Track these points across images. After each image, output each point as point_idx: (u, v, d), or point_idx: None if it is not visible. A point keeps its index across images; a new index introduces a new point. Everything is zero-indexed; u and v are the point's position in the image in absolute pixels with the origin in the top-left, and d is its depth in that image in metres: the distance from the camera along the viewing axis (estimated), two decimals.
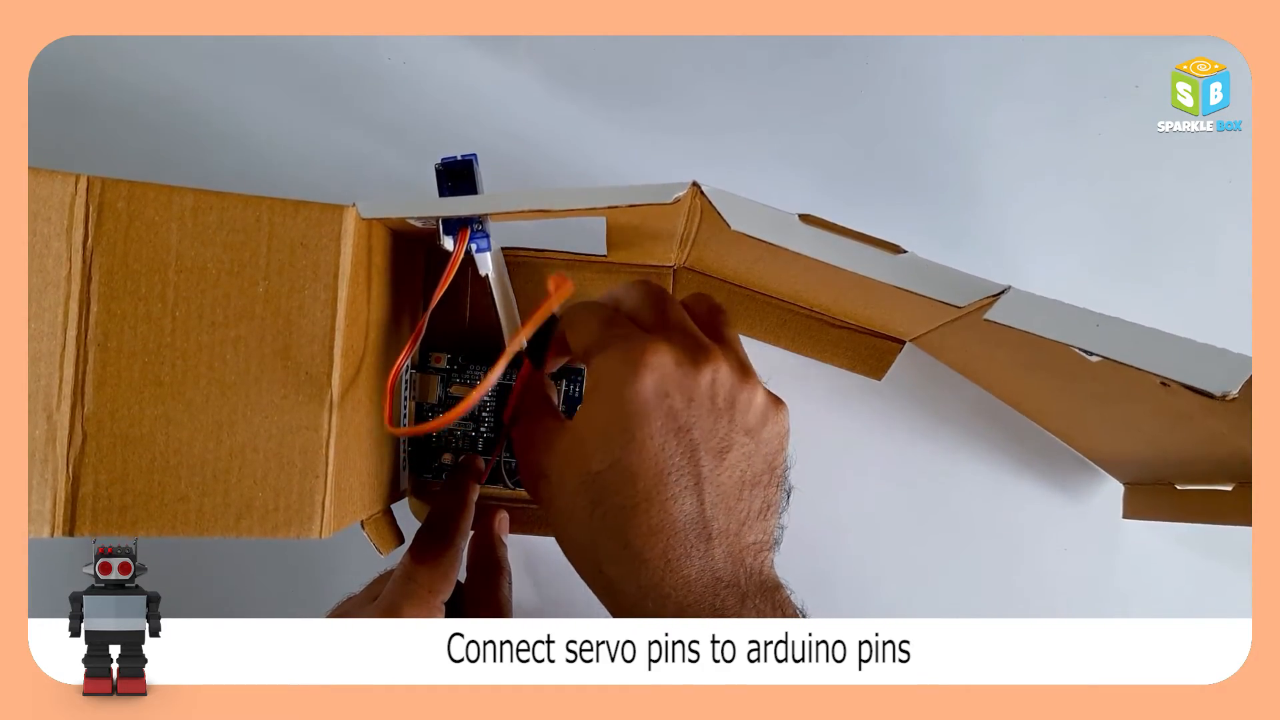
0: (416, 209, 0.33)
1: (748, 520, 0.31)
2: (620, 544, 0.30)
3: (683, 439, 0.30)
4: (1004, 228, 0.47)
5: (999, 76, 0.48)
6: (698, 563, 0.29)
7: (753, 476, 0.31)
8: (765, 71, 0.48)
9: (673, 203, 0.32)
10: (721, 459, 0.30)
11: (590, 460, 0.30)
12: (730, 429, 0.30)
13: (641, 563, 0.29)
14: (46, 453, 0.30)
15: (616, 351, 0.30)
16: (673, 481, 0.29)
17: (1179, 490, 0.41)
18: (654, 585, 0.29)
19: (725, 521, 0.30)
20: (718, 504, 0.30)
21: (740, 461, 0.31)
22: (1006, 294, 0.31)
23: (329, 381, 0.32)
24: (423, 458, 0.44)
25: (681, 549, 0.29)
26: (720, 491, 0.30)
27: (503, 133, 0.48)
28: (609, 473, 0.30)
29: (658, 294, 0.34)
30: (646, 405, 0.29)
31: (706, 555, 0.30)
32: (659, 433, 0.29)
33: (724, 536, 0.30)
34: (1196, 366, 0.28)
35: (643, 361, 0.29)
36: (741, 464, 0.31)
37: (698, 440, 0.30)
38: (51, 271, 0.30)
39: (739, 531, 0.30)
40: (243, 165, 0.48)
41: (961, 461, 0.47)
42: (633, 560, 0.29)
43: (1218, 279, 0.47)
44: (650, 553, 0.29)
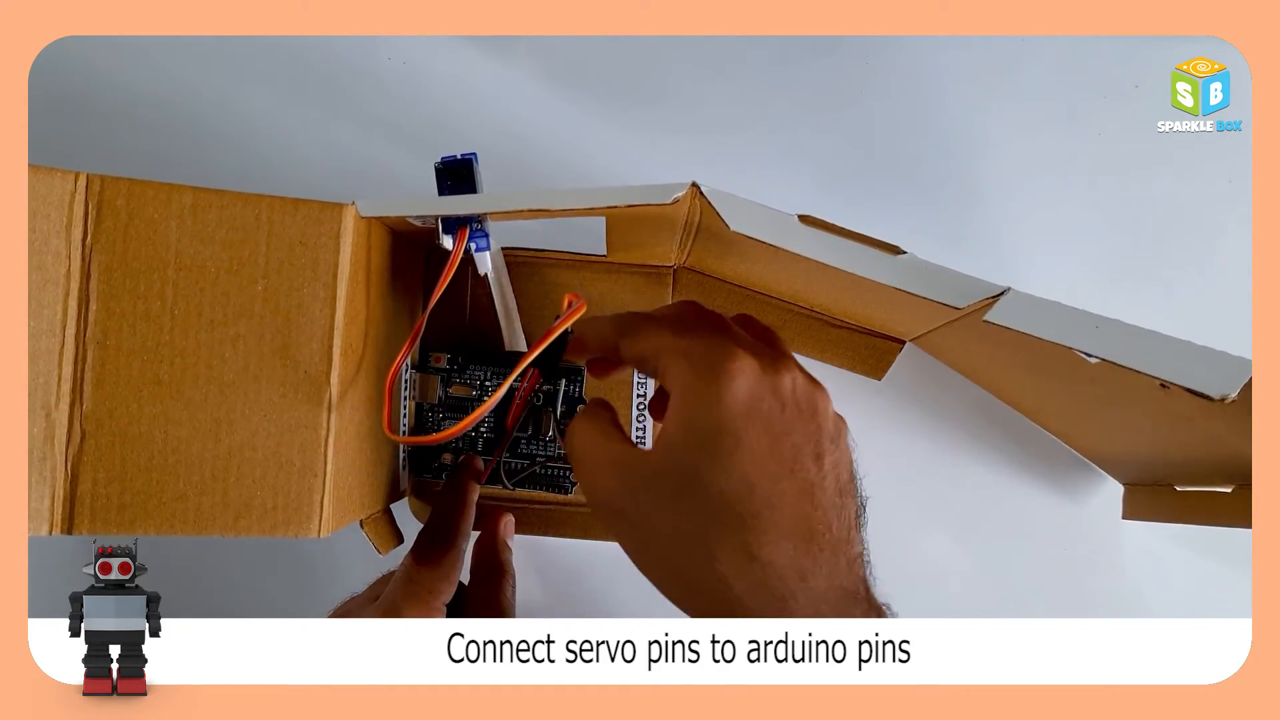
0: (416, 207, 0.33)
1: (850, 528, 0.29)
2: (746, 556, 0.28)
3: (785, 444, 0.28)
4: (1004, 228, 0.47)
5: (999, 76, 0.48)
6: (825, 570, 0.28)
7: (844, 483, 0.30)
8: (765, 71, 0.48)
9: (672, 203, 0.32)
10: (820, 464, 0.29)
11: (697, 474, 0.28)
12: (820, 434, 0.29)
13: (774, 572, 0.28)
14: (45, 450, 0.30)
15: (698, 359, 0.29)
16: (786, 486, 0.28)
17: (1179, 491, 0.41)
18: (790, 595, 0.28)
19: (837, 529, 0.29)
20: (828, 509, 0.29)
21: (833, 468, 0.29)
22: (1006, 295, 0.31)
23: (328, 380, 0.32)
24: (422, 458, 0.44)
25: (809, 558, 0.28)
26: (827, 497, 0.29)
27: (503, 133, 0.48)
28: (722, 482, 0.28)
29: (712, 312, 0.32)
30: (745, 410, 0.28)
31: (832, 564, 0.28)
32: (763, 437, 0.28)
33: (838, 545, 0.29)
34: (1196, 369, 0.28)
35: (729, 367, 0.28)
36: (834, 470, 0.29)
37: (799, 445, 0.29)
38: (51, 269, 0.30)
39: (848, 539, 0.29)
40: (243, 165, 0.48)
41: (961, 461, 0.47)
42: (763, 571, 0.28)
43: (1218, 279, 0.47)
44: (780, 559, 0.28)
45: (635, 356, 0.32)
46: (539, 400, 0.44)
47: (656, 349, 0.31)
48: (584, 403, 0.45)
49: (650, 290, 0.46)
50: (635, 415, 0.46)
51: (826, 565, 0.28)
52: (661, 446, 0.29)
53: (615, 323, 0.32)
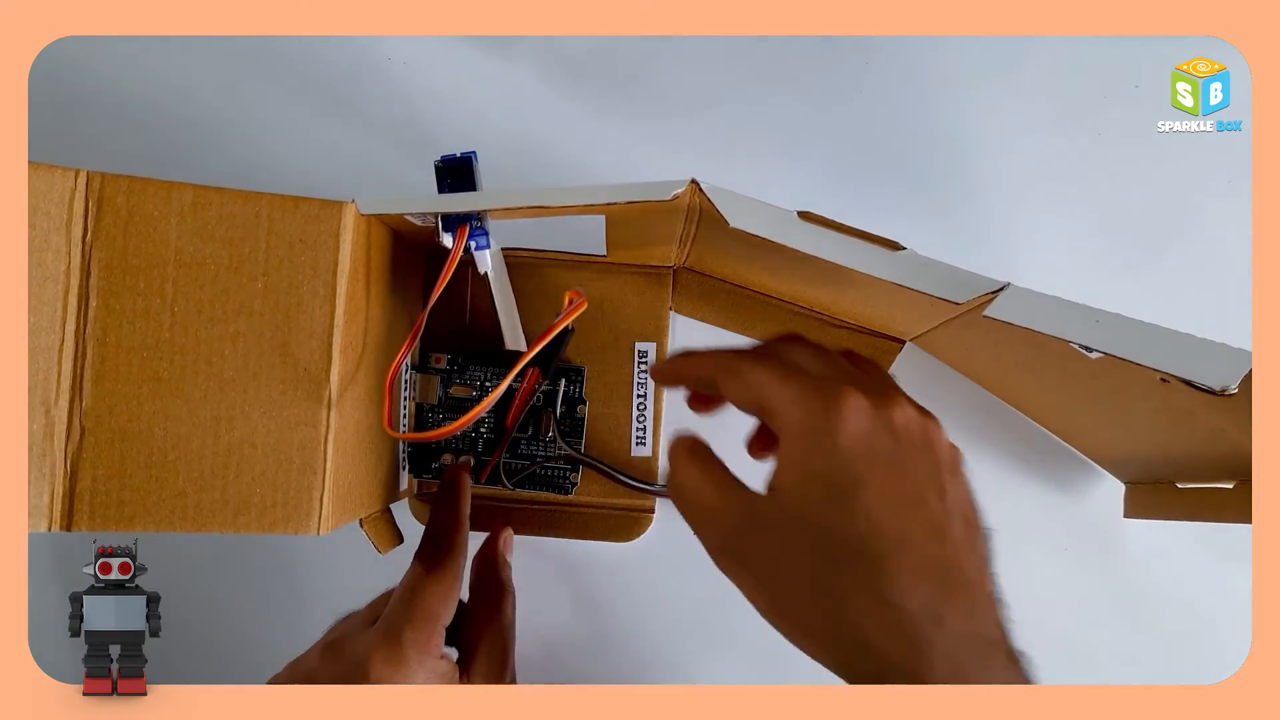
0: (415, 205, 0.33)
1: (982, 566, 0.28)
2: (879, 602, 0.26)
3: (907, 481, 0.28)
4: (1003, 227, 0.47)
5: (999, 76, 0.48)
6: (961, 613, 0.27)
7: (969, 517, 0.29)
8: (765, 70, 0.48)
9: (671, 200, 0.32)
10: (944, 499, 0.28)
11: (820, 519, 0.27)
12: (938, 467, 0.29)
13: (907, 617, 0.26)
14: (45, 447, 0.30)
15: (810, 399, 0.28)
16: (915, 525, 0.27)
17: (1180, 489, 0.41)
18: (926, 642, 0.26)
19: (969, 567, 0.27)
20: (959, 547, 0.27)
21: (956, 502, 0.28)
22: (1006, 290, 0.31)
23: (327, 378, 0.32)
24: (423, 458, 0.44)
25: (944, 600, 0.26)
26: (955, 534, 0.28)
27: (502, 132, 0.48)
28: (847, 526, 0.27)
29: (817, 345, 0.32)
30: (863, 451, 0.27)
31: (968, 606, 0.27)
32: (884, 476, 0.27)
33: (972, 586, 0.27)
34: (1196, 361, 0.28)
35: (841, 405, 0.27)
36: (958, 504, 0.28)
37: (920, 481, 0.28)
38: (50, 266, 0.30)
39: (980, 579, 0.28)
40: (243, 164, 0.48)
41: None
42: (897, 616, 0.26)
43: (1217, 279, 0.47)
44: (913, 604, 0.26)
45: (737, 398, 0.31)
46: (539, 400, 0.44)
47: (760, 391, 0.29)
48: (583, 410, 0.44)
49: (650, 290, 0.46)
50: (635, 417, 0.46)
51: (962, 607, 0.27)
52: (779, 492, 0.28)
53: (714, 361, 0.31)
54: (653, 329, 0.46)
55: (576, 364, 0.45)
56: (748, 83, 0.48)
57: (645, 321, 0.46)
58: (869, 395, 0.28)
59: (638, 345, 0.46)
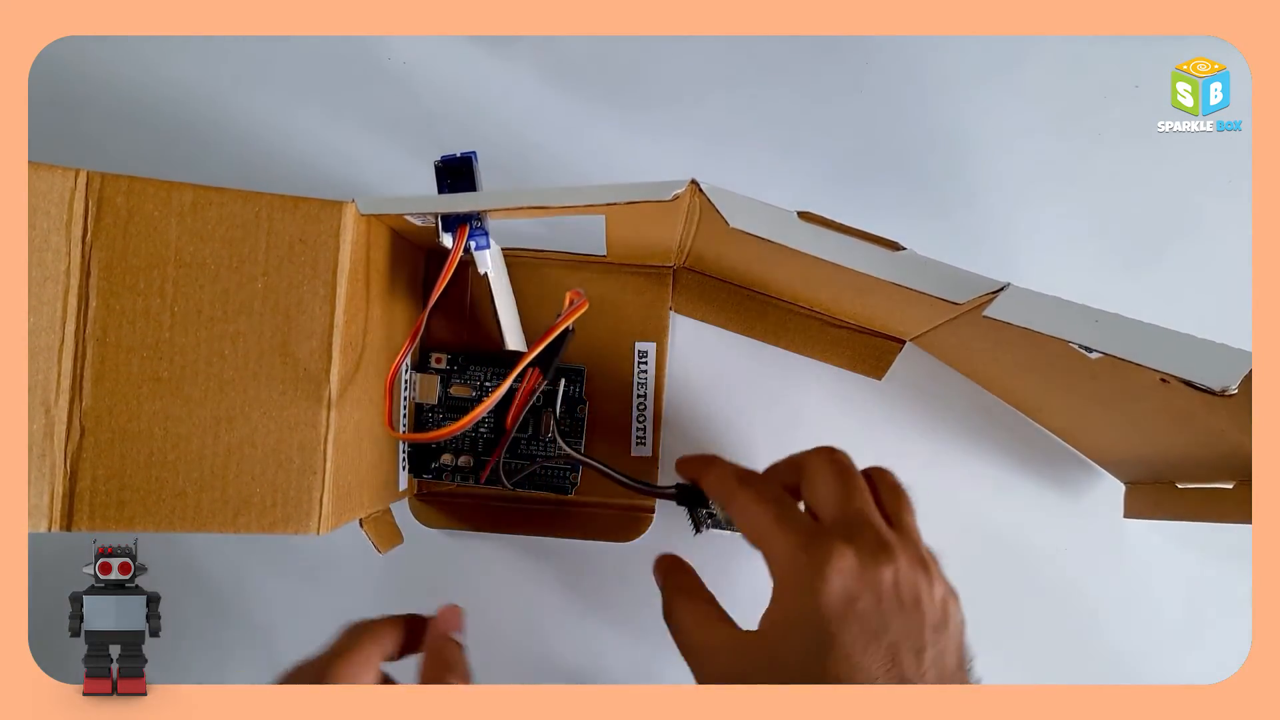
0: (415, 205, 0.33)
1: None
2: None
3: (881, 642, 0.29)
4: (1003, 227, 0.47)
5: (999, 76, 0.48)
6: None
7: (949, 672, 0.30)
8: (765, 71, 0.48)
9: (671, 200, 0.32)
10: (920, 659, 0.29)
11: (800, 663, 0.29)
12: (921, 627, 0.30)
13: None
14: (44, 447, 0.30)
15: (799, 556, 0.30)
16: (882, 683, 0.29)
17: (1180, 489, 0.41)
18: None
19: None
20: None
21: (937, 660, 0.30)
22: (1006, 290, 0.31)
23: (327, 378, 0.32)
24: (423, 458, 0.44)
25: None
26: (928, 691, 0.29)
27: (502, 132, 0.48)
28: (819, 676, 0.29)
29: (844, 472, 0.33)
30: (839, 611, 0.29)
31: None
32: (858, 638, 0.29)
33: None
34: (1196, 362, 0.28)
35: (827, 565, 0.29)
36: (938, 662, 0.30)
37: (896, 642, 0.29)
38: (50, 266, 0.30)
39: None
40: (243, 164, 0.48)
41: (961, 461, 0.47)
42: None
43: (1217, 279, 0.47)
44: None
45: (740, 528, 0.33)
46: (539, 400, 0.44)
47: (759, 534, 0.32)
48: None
49: (650, 290, 0.46)
50: (635, 417, 0.46)
51: None
52: (764, 635, 0.30)
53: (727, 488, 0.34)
54: (653, 329, 0.46)
55: (576, 364, 0.45)
56: (747, 83, 0.48)
57: (645, 321, 0.46)
58: (860, 552, 0.30)
59: (638, 345, 0.46)
